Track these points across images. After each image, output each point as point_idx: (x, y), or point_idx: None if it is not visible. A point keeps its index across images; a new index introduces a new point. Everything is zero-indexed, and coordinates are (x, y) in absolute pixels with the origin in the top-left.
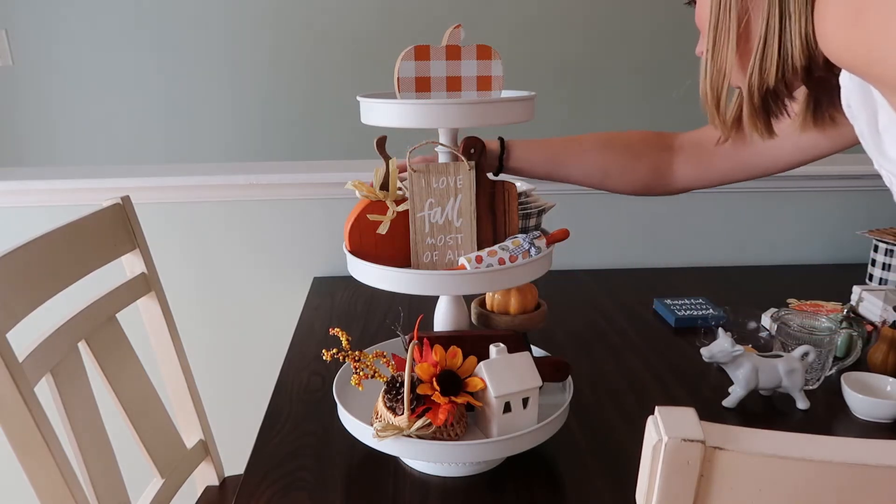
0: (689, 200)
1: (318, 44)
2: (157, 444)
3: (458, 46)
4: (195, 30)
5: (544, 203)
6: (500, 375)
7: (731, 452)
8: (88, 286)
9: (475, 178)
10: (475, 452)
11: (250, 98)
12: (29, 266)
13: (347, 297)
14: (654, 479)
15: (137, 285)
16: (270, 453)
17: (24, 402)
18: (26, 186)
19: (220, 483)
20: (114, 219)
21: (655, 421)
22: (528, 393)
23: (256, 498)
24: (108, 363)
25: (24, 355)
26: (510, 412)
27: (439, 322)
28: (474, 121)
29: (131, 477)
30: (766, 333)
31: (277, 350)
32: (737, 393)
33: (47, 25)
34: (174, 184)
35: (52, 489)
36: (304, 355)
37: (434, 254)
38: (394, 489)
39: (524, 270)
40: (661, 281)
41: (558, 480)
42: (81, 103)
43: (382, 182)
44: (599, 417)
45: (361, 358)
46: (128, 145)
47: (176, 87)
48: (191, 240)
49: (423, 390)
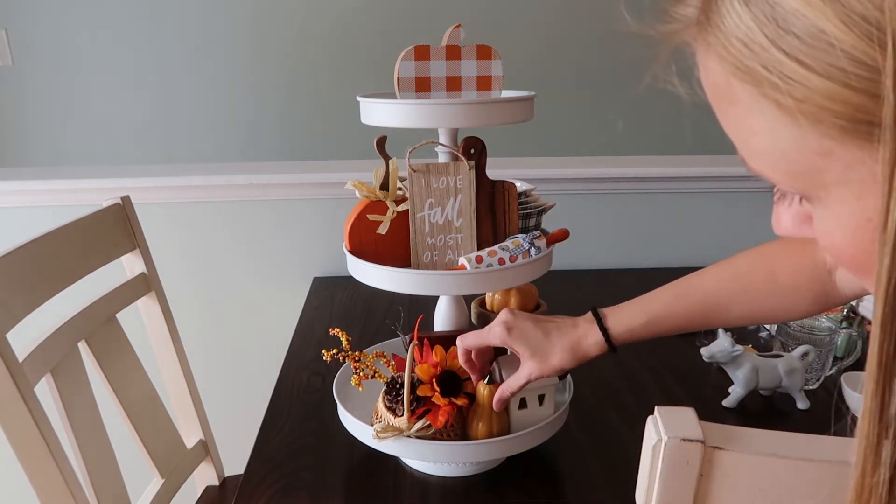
0: (689, 200)
1: (320, 44)
2: (157, 444)
3: (458, 46)
4: (196, 30)
5: (544, 203)
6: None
7: (731, 452)
8: (88, 286)
9: (475, 178)
10: (475, 452)
11: (251, 98)
12: (29, 266)
13: (347, 297)
14: (654, 479)
15: (137, 285)
16: (270, 453)
17: (24, 402)
18: (26, 186)
19: (220, 483)
20: (114, 219)
21: (655, 421)
22: (543, 389)
23: (256, 498)
24: (108, 363)
25: (24, 355)
26: (526, 408)
27: (439, 322)
28: (474, 121)
29: (131, 477)
30: (766, 333)
31: (277, 350)
32: (737, 393)
33: (47, 25)
34: (174, 184)
35: (52, 489)
36: (304, 355)
37: (434, 254)
38: (394, 489)
39: (524, 270)
40: (661, 281)
41: (558, 480)
42: (81, 103)
43: (382, 182)
44: (599, 417)
45: (361, 358)
46: (128, 145)
47: (176, 88)
48: (191, 240)
49: (424, 391)
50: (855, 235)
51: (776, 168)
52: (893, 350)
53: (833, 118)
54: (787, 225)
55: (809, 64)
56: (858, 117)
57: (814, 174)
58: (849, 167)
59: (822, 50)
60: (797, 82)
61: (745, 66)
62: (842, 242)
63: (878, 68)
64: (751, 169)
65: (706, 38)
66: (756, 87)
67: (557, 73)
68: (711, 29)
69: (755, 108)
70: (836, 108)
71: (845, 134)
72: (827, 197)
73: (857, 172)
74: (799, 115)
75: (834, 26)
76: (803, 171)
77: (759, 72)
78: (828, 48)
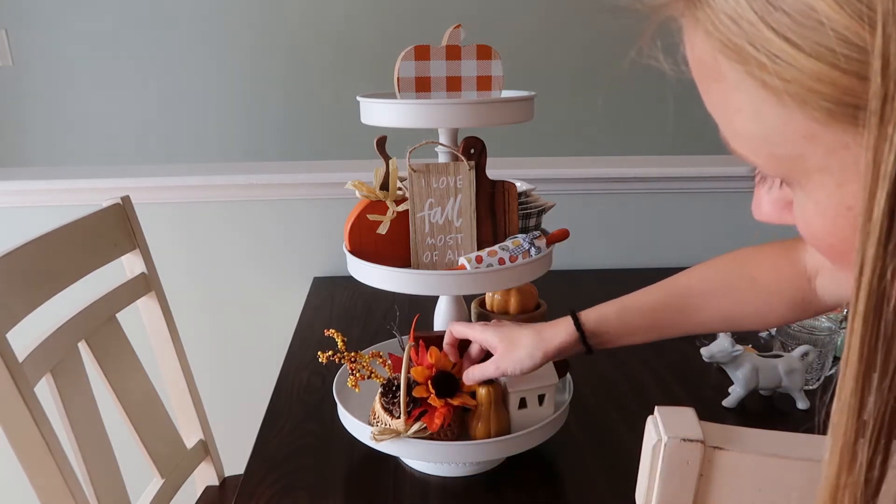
0: (689, 200)
1: (319, 44)
2: (157, 444)
3: (458, 46)
4: (196, 29)
5: (544, 203)
6: None
7: (731, 452)
8: (88, 286)
9: (475, 178)
10: (475, 452)
11: (251, 98)
12: (29, 266)
13: (347, 297)
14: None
15: (137, 285)
16: (270, 453)
17: (24, 402)
18: (26, 186)
19: (220, 483)
20: (114, 219)
21: (655, 421)
22: (543, 389)
23: (256, 498)
24: (108, 363)
25: (24, 355)
26: (525, 408)
27: (439, 322)
28: (474, 121)
29: (131, 477)
30: (766, 333)
31: (277, 350)
32: (737, 393)
33: (47, 25)
34: (174, 184)
35: (52, 489)
36: (304, 355)
37: (434, 254)
38: (394, 489)
39: (524, 270)
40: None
41: (558, 480)
42: (81, 103)
43: (382, 182)
44: (599, 417)
45: (358, 359)
46: (128, 145)
47: (176, 87)
48: (191, 240)
49: (420, 392)
50: (835, 223)
51: (759, 150)
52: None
53: (819, 100)
54: (767, 210)
55: (798, 43)
56: (845, 100)
57: (796, 158)
58: (832, 152)
59: (811, 28)
60: (785, 62)
61: (732, 42)
62: (821, 230)
63: (867, 49)
64: (732, 151)
65: (694, 12)
66: (743, 65)
67: (557, 73)
68: (700, 4)
69: (741, 86)
70: (822, 89)
71: (831, 117)
72: (808, 183)
73: (840, 158)
74: (785, 95)
75: (825, 4)
76: (786, 154)
77: (747, 49)
78: (817, 26)
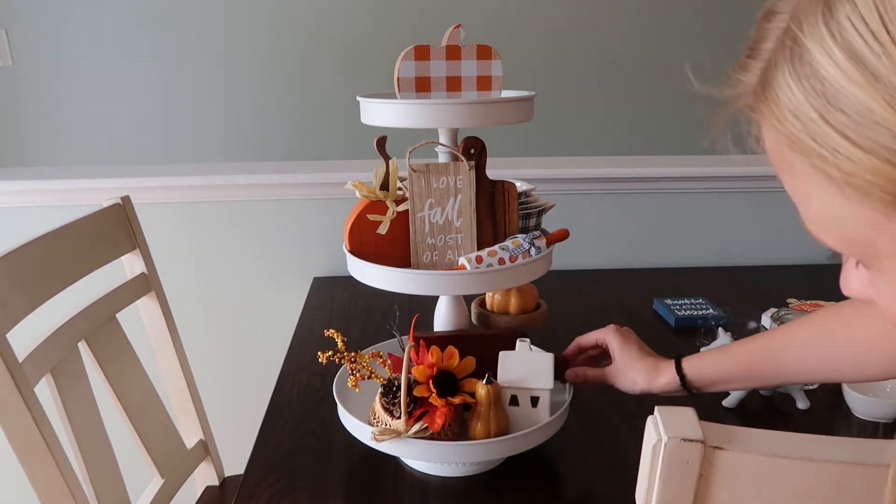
0: (689, 200)
1: (319, 44)
2: (157, 444)
3: (458, 46)
4: (195, 30)
5: (544, 203)
6: (512, 366)
7: (731, 452)
8: (88, 286)
9: (475, 178)
10: (475, 452)
11: (250, 98)
12: (29, 266)
13: (347, 297)
14: (654, 479)
15: (137, 285)
16: (270, 453)
17: (24, 403)
18: (26, 186)
19: (220, 483)
20: (114, 219)
21: (655, 421)
22: (536, 392)
23: (256, 498)
24: (108, 363)
25: (24, 355)
26: (517, 406)
27: (439, 322)
28: (474, 121)
29: (131, 477)
30: None
31: (277, 350)
32: (737, 393)
33: (47, 25)
34: (174, 184)
35: (52, 489)
36: (304, 355)
37: (434, 254)
38: (394, 489)
39: (524, 270)
40: (661, 281)
41: (558, 480)
42: (81, 103)
43: (382, 182)
44: (599, 417)
45: (358, 359)
46: (128, 145)
47: (176, 87)
48: (191, 240)
49: (420, 392)
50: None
51: (830, 234)
52: None
53: (880, 193)
54: (855, 286)
55: (856, 140)
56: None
57: (867, 243)
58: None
59: (869, 127)
60: (844, 156)
61: (795, 137)
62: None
63: None
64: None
65: (761, 107)
66: (806, 157)
67: (557, 73)
68: (766, 99)
69: (808, 176)
70: (882, 183)
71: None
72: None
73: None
74: (846, 187)
75: (880, 106)
76: (856, 239)
77: (809, 144)
78: (875, 126)
